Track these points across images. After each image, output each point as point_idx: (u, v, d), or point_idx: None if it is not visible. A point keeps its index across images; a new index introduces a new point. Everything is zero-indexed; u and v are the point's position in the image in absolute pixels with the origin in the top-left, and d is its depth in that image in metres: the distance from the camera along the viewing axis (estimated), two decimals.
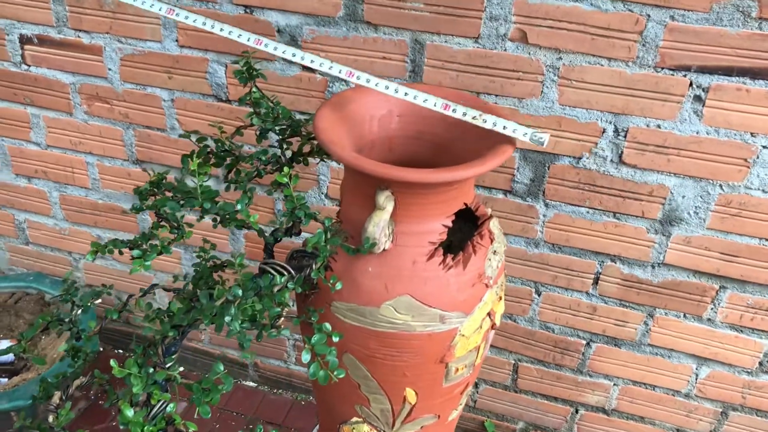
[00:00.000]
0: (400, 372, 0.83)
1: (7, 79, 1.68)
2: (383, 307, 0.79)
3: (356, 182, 0.78)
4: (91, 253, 0.82)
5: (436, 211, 0.78)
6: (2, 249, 1.99)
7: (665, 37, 1.23)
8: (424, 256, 0.78)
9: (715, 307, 1.47)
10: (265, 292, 0.74)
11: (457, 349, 0.82)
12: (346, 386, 0.87)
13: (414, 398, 0.86)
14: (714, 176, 1.33)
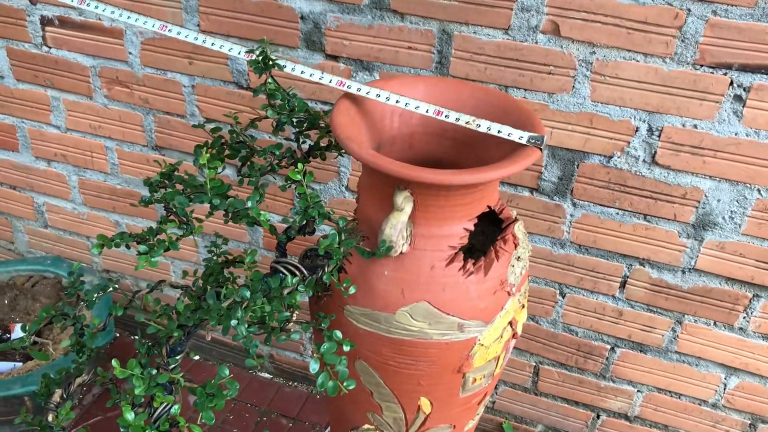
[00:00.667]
0: (415, 381, 0.79)
1: (28, 61, 1.66)
2: (399, 314, 0.74)
3: (374, 181, 0.74)
4: (97, 246, 0.79)
5: (457, 213, 0.73)
6: (21, 231, 1.98)
7: (706, 32, 1.17)
8: (443, 260, 0.74)
9: (748, 316, 1.41)
10: (274, 294, 0.70)
11: (475, 359, 0.78)
12: (358, 393, 0.83)
13: (429, 408, 0.82)
14: (752, 180, 1.27)
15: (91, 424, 1.79)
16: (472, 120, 0.75)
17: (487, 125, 0.75)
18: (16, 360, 1.68)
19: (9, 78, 1.70)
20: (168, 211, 0.80)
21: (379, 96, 0.78)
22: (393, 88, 0.80)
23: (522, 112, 0.79)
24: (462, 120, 0.76)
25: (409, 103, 0.78)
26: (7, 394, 1.55)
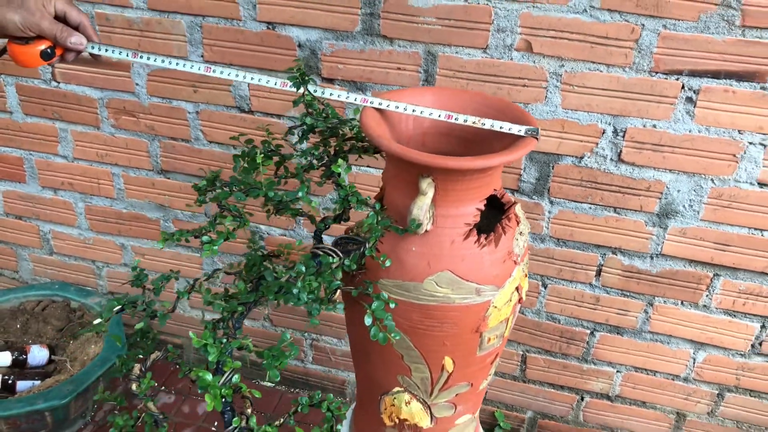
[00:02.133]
0: (440, 341, 0.93)
1: (37, 96, 1.77)
2: (426, 282, 0.89)
3: (399, 171, 0.89)
4: (162, 241, 0.91)
5: (470, 196, 0.88)
6: (26, 260, 2.07)
7: (659, 44, 1.35)
8: (461, 236, 0.89)
9: (710, 294, 1.58)
10: (324, 269, 0.84)
11: (490, 319, 0.92)
12: (390, 358, 0.96)
13: (451, 366, 0.96)
14: (706, 171, 1.45)
15: None
16: (478, 120, 0.90)
17: (491, 123, 0.90)
18: (35, 379, 1.76)
19: (18, 113, 1.81)
20: (221, 208, 0.93)
21: (398, 108, 0.93)
22: (406, 99, 0.95)
23: (515, 111, 0.95)
24: (469, 120, 0.91)
25: (423, 111, 0.93)
26: (32, 408, 1.63)
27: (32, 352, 1.81)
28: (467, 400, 1.03)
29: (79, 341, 1.86)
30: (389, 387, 1.01)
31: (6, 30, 0.95)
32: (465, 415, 1.06)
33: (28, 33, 0.96)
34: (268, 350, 0.81)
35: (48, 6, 0.96)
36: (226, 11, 1.53)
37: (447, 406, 1.02)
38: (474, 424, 1.13)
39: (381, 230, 0.84)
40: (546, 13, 1.37)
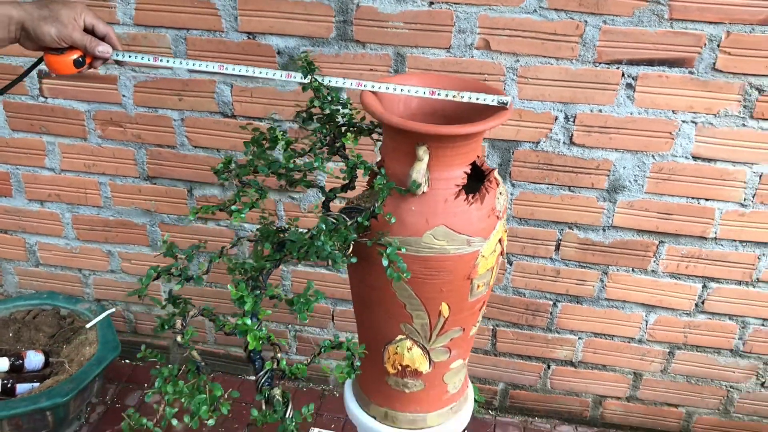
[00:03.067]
0: (438, 289, 1.07)
1: (24, 111, 1.86)
2: (425, 236, 1.04)
3: (397, 143, 1.04)
4: (192, 214, 1.04)
5: (458, 161, 1.04)
6: (11, 273, 2.14)
7: (600, 38, 1.55)
8: (452, 195, 1.04)
9: (657, 259, 1.77)
10: (341, 226, 0.98)
11: (479, 267, 1.08)
12: (394, 307, 1.10)
13: (447, 312, 1.10)
14: (647, 148, 1.65)
15: None
16: (457, 93, 1.06)
17: (468, 95, 1.06)
18: (33, 382, 1.84)
19: (4, 129, 1.90)
20: (243, 183, 1.06)
21: (388, 89, 1.08)
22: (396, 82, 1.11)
23: (487, 88, 1.11)
24: (450, 95, 1.07)
25: (411, 89, 1.08)
26: (35, 407, 1.71)
27: (28, 357, 1.88)
28: (460, 345, 1.18)
29: (72, 345, 1.94)
30: (392, 336, 1.15)
31: (43, 42, 1.07)
32: (458, 360, 1.21)
33: (62, 44, 1.08)
34: (298, 297, 0.95)
35: (78, 20, 1.09)
36: (209, 23, 1.67)
37: (443, 351, 1.17)
38: (464, 370, 1.28)
39: (388, 191, 0.99)
40: (501, 14, 1.55)
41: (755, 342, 1.84)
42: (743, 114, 1.57)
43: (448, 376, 1.22)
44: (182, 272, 1.02)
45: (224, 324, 1.01)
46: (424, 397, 1.23)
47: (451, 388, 1.24)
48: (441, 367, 1.19)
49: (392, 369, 1.19)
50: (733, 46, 1.51)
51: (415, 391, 1.21)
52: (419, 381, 1.20)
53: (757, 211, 1.67)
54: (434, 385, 1.21)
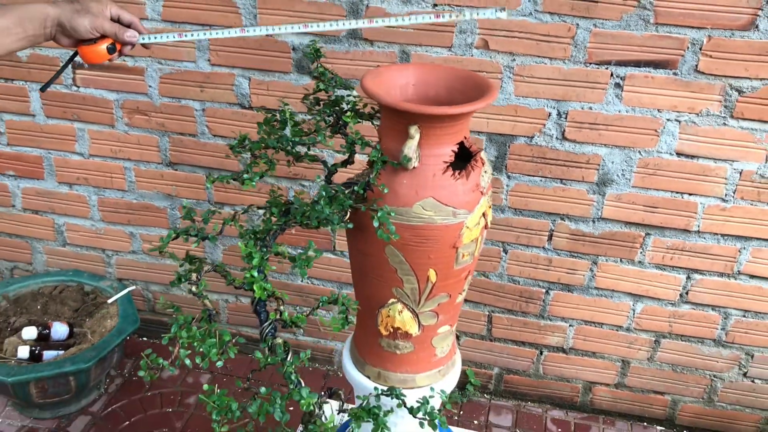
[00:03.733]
0: (426, 255, 1.19)
1: (58, 100, 2.01)
2: (415, 207, 1.16)
3: (393, 123, 1.16)
4: (209, 182, 1.17)
5: (446, 140, 1.16)
6: (40, 252, 2.29)
7: (591, 39, 1.67)
8: (440, 170, 1.16)
9: (643, 251, 1.88)
10: (339, 194, 1.10)
11: (464, 237, 1.20)
12: (387, 272, 1.23)
13: (434, 277, 1.22)
14: (634, 144, 1.76)
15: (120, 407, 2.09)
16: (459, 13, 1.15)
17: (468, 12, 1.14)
18: (59, 350, 1.97)
19: (40, 115, 2.05)
20: (254, 156, 1.19)
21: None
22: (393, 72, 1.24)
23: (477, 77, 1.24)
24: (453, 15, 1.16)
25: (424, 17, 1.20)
26: (60, 371, 1.85)
27: (54, 327, 2.02)
28: (447, 311, 1.30)
29: (95, 318, 2.08)
30: (385, 300, 1.27)
31: (78, 34, 1.20)
32: (445, 325, 1.33)
33: (94, 34, 1.21)
34: (299, 254, 1.08)
35: (105, 11, 1.22)
36: (230, 21, 1.81)
37: (431, 315, 1.29)
38: (452, 337, 1.40)
39: (381, 163, 1.12)
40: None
41: (737, 332, 1.94)
42: (724, 113, 1.68)
43: (436, 340, 1.34)
44: (199, 232, 1.15)
45: (234, 279, 1.13)
46: (414, 359, 1.35)
47: (439, 352, 1.36)
48: (429, 331, 1.31)
49: (385, 331, 1.31)
50: (714, 49, 1.62)
51: (406, 352, 1.33)
52: (409, 343, 1.32)
53: (738, 206, 1.78)
54: (423, 347, 1.33)
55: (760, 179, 1.73)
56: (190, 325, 1.11)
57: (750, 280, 1.87)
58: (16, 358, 1.93)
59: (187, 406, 2.11)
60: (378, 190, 1.15)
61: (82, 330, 2.04)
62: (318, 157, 1.20)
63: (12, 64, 1.98)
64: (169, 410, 2.09)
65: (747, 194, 1.76)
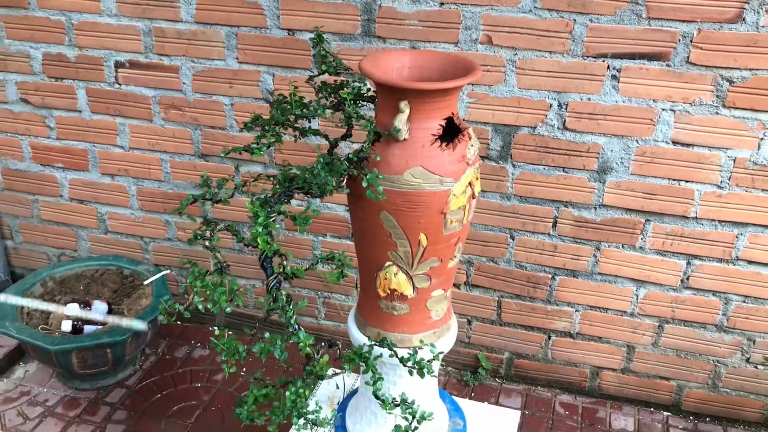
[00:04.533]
0: (416, 220, 1.32)
1: (102, 96, 2.21)
2: (405, 174, 1.29)
3: (386, 99, 1.30)
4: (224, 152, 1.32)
5: (434, 114, 1.29)
6: (84, 239, 2.48)
7: (588, 34, 1.78)
8: (429, 142, 1.29)
9: (644, 237, 1.97)
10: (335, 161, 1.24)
11: (451, 204, 1.32)
12: (382, 236, 1.35)
13: (425, 241, 1.34)
14: (631, 133, 1.86)
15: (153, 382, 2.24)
16: None
17: None
18: (98, 325, 2.15)
19: (86, 111, 2.24)
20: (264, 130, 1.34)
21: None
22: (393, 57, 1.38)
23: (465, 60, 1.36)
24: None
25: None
26: (98, 342, 2.02)
27: (95, 305, 2.20)
28: (439, 274, 1.42)
29: (132, 298, 2.25)
30: (382, 263, 1.40)
31: None
32: (438, 289, 1.45)
33: None
34: (299, 215, 1.22)
35: None
36: (256, 21, 1.98)
37: (424, 278, 1.41)
38: (446, 302, 1.51)
39: (373, 133, 1.25)
40: (502, 13, 1.81)
41: (738, 318, 2.01)
42: (716, 103, 1.77)
43: (430, 303, 1.46)
44: (212, 197, 1.29)
45: (243, 237, 1.28)
46: (410, 320, 1.47)
47: (434, 314, 1.48)
48: (423, 293, 1.43)
49: (383, 293, 1.43)
50: (704, 41, 1.72)
51: (402, 314, 1.46)
52: (405, 305, 1.44)
53: (733, 193, 1.86)
54: (418, 309, 1.46)
55: (754, 166, 1.81)
56: (204, 277, 1.26)
57: (748, 265, 1.93)
58: (60, 331, 2.10)
59: (215, 382, 2.26)
60: (372, 159, 1.28)
61: (119, 308, 2.21)
62: (320, 131, 1.34)
63: (61, 64, 2.18)
64: (198, 385, 2.24)
65: (741, 181, 1.84)
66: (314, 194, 1.28)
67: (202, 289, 1.24)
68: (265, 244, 1.20)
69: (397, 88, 1.25)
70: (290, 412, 1.22)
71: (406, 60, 1.40)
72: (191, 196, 1.31)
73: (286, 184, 1.26)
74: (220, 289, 1.23)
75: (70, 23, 2.11)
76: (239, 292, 1.24)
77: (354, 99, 1.32)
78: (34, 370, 2.29)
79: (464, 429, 1.69)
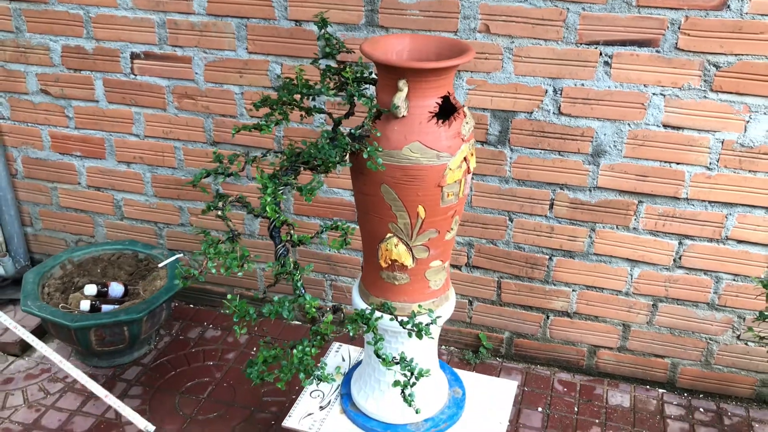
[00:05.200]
0: (415, 193, 1.41)
1: (118, 87, 2.31)
2: (404, 149, 1.38)
3: (386, 78, 1.39)
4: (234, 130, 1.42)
5: (431, 93, 1.38)
6: (101, 225, 2.58)
7: (581, 22, 1.86)
8: (426, 119, 1.38)
9: (637, 217, 2.05)
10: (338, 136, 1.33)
11: (447, 177, 1.41)
12: (383, 209, 1.44)
13: (423, 213, 1.43)
14: (624, 117, 1.94)
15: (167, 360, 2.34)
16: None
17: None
18: (115, 304, 2.25)
19: (103, 101, 2.35)
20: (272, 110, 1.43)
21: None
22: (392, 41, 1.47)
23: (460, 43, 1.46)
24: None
25: None
26: (116, 319, 2.11)
27: (112, 286, 2.30)
28: (437, 246, 1.51)
29: (147, 280, 2.35)
30: (383, 234, 1.49)
31: None
32: (437, 260, 1.54)
33: None
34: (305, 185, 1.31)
35: None
36: (265, 13, 2.07)
37: (423, 249, 1.50)
38: (444, 273, 1.60)
39: (374, 111, 1.35)
40: (499, 3, 1.89)
41: (728, 296, 2.08)
42: (704, 87, 1.86)
43: (429, 273, 1.55)
44: (225, 170, 1.39)
45: (253, 209, 1.37)
46: (410, 289, 1.56)
47: (433, 285, 1.57)
48: (422, 264, 1.52)
49: (384, 264, 1.52)
50: (691, 28, 1.80)
51: (403, 283, 1.55)
52: (405, 275, 1.53)
53: (722, 174, 1.94)
54: (418, 279, 1.55)
55: (741, 148, 1.89)
56: (217, 245, 1.35)
57: (738, 245, 2.01)
58: (78, 310, 2.21)
59: (227, 360, 2.35)
60: (373, 134, 1.38)
61: (135, 289, 2.31)
62: (325, 110, 1.44)
63: (79, 56, 2.28)
64: (210, 363, 2.34)
65: (729, 162, 1.92)
66: (319, 169, 1.37)
67: (215, 256, 1.33)
68: (273, 212, 1.30)
69: (395, 67, 1.35)
70: (297, 369, 1.31)
71: (406, 44, 1.49)
72: (204, 171, 1.41)
73: (292, 159, 1.36)
74: (231, 255, 1.32)
75: (88, 16, 2.22)
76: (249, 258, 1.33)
77: (356, 79, 1.41)
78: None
79: (463, 397, 1.78)
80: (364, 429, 1.68)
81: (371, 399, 1.69)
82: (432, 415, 1.70)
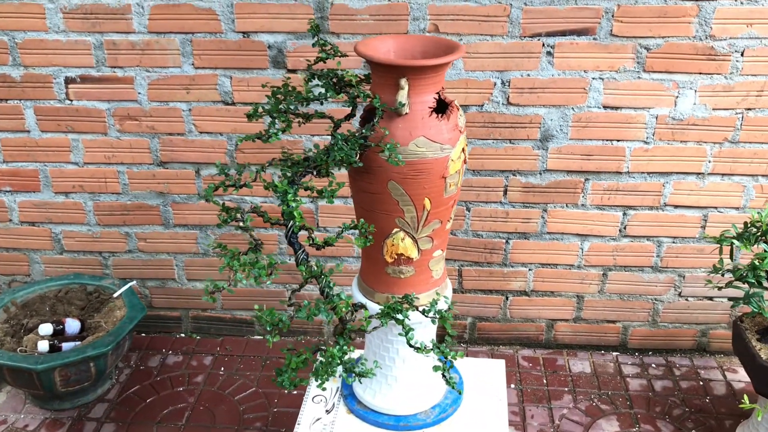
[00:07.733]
0: (421, 186, 1.46)
1: (52, 114, 2.20)
2: (410, 145, 1.43)
3: (385, 78, 1.44)
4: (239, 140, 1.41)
5: (429, 89, 1.44)
6: (38, 262, 2.45)
7: (523, 16, 1.99)
8: (427, 114, 1.44)
9: (585, 194, 2.21)
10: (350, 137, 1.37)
11: (450, 168, 1.48)
12: (390, 204, 1.49)
13: (429, 205, 1.49)
14: (568, 102, 2.09)
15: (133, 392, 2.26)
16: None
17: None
18: (75, 341, 2.15)
19: (35, 131, 2.23)
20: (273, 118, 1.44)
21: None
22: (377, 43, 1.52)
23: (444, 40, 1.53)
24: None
25: None
26: (83, 356, 2.02)
27: (68, 323, 2.19)
28: (439, 236, 1.57)
29: (102, 312, 2.26)
30: (389, 230, 1.53)
31: None
32: (438, 249, 1.60)
33: None
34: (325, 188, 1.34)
35: None
36: (211, 27, 2.06)
37: (427, 240, 1.56)
38: (443, 261, 1.67)
39: (381, 111, 1.39)
40: (446, 3, 1.99)
41: (669, 257, 2.28)
42: (637, 69, 2.03)
43: (432, 263, 1.60)
44: (236, 182, 1.39)
45: (270, 218, 1.38)
46: (415, 281, 1.61)
47: (435, 274, 1.63)
48: (426, 255, 1.58)
49: (390, 259, 1.57)
50: (623, 15, 1.97)
51: (408, 276, 1.59)
52: (411, 267, 1.58)
53: (658, 147, 2.12)
54: (422, 270, 1.60)
55: (672, 121, 2.08)
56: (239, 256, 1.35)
57: (674, 210, 2.21)
58: (38, 351, 2.09)
59: (196, 384, 2.30)
60: (380, 132, 1.42)
61: (92, 322, 2.21)
62: (325, 113, 1.47)
63: (5, 84, 2.16)
64: (180, 389, 2.28)
65: (663, 135, 2.11)
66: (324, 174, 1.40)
67: (241, 267, 1.33)
68: (300, 218, 1.31)
69: (396, 66, 1.40)
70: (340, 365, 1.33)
71: (390, 45, 1.55)
72: (213, 185, 1.40)
73: (304, 164, 1.38)
74: (259, 264, 1.33)
75: (14, 42, 2.11)
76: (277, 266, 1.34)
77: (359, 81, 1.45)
78: (5, 399, 2.24)
79: (461, 380, 1.85)
80: (377, 425, 1.71)
81: (379, 395, 1.73)
82: (438, 401, 1.76)
